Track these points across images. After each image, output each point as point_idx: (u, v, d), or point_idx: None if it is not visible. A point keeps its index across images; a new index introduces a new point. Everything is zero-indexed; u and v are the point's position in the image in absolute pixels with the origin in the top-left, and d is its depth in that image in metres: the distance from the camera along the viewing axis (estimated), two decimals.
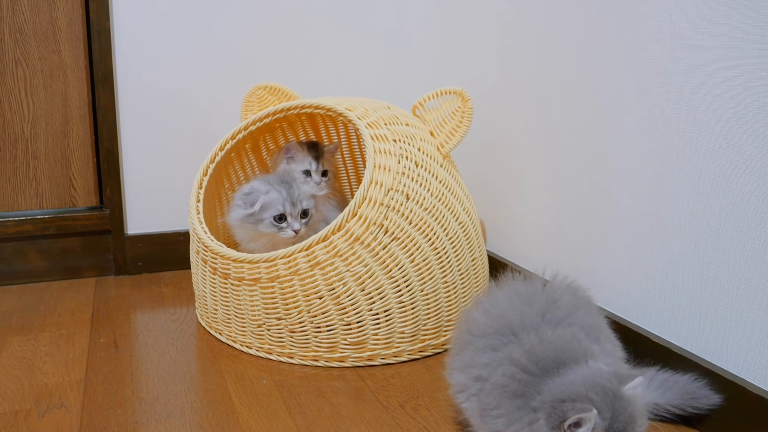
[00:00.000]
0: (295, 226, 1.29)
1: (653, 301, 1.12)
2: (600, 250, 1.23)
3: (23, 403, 1.08)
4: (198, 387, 1.14)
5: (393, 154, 1.23)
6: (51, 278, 1.67)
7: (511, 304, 0.93)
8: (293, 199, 1.30)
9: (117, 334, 1.35)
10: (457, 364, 0.93)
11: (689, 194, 1.03)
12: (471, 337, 0.92)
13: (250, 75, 1.71)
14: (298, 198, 1.30)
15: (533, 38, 1.39)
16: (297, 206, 1.30)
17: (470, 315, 0.96)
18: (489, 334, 0.90)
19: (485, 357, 0.87)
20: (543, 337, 0.84)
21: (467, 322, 0.95)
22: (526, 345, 0.84)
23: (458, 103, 1.34)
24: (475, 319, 0.94)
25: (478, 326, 0.92)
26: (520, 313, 0.90)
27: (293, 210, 1.30)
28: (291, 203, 1.29)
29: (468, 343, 0.92)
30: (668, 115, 1.06)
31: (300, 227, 1.29)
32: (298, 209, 1.30)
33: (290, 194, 1.30)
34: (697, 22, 0.99)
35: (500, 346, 0.87)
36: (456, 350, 0.95)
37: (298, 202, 1.30)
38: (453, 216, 1.28)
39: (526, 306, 0.92)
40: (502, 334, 0.89)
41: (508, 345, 0.86)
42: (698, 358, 1.02)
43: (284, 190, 1.30)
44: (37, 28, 1.57)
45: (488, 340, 0.89)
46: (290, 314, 1.20)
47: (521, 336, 0.86)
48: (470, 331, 0.93)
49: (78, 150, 1.65)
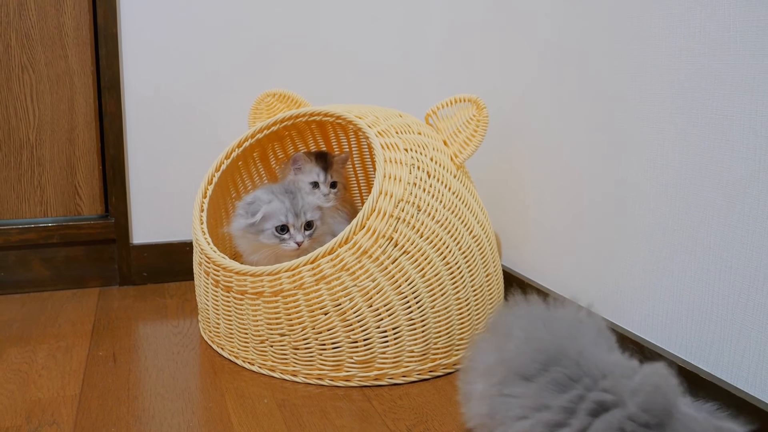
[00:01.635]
0: (297, 238, 1.24)
1: (680, 322, 1.05)
2: (622, 267, 1.16)
3: (14, 419, 1.03)
4: (196, 405, 1.09)
5: (404, 164, 1.17)
6: (54, 288, 1.63)
7: (564, 334, 0.82)
8: (297, 210, 1.24)
9: (117, 347, 1.31)
10: (512, 409, 0.78)
11: (720, 207, 0.96)
12: (513, 374, 0.80)
13: (260, 82, 1.67)
14: (302, 209, 1.25)
15: (552, 46, 1.33)
16: (300, 217, 1.25)
17: (507, 346, 0.84)
18: (548, 369, 0.78)
19: (559, 399, 0.76)
20: (650, 381, 0.73)
21: (499, 352, 0.85)
22: (637, 392, 0.73)
23: (473, 111, 1.29)
24: (519, 353, 0.82)
25: (518, 358, 0.81)
26: (579, 346, 0.80)
27: (296, 221, 1.24)
28: (294, 214, 1.24)
29: (514, 382, 0.80)
30: (697, 123, 0.99)
31: (303, 239, 1.24)
32: (302, 220, 1.25)
33: (294, 204, 1.24)
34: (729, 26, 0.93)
35: (571, 384, 0.76)
36: (496, 389, 0.82)
37: (301, 213, 1.25)
38: (466, 229, 1.22)
39: (583, 338, 0.81)
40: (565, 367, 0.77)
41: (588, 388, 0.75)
42: (729, 385, 0.95)
43: (288, 200, 1.24)
44: (44, 33, 1.54)
45: (549, 376, 0.78)
46: (294, 330, 1.15)
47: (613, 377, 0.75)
48: (514, 367, 0.81)
49: (84, 157, 1.62)
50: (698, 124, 0.99)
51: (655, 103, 1.07)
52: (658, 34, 1.06)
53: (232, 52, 1.66)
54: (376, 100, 1.76)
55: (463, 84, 1.69)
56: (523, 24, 1.43)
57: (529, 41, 1.41)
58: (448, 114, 1.33)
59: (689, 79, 1.00)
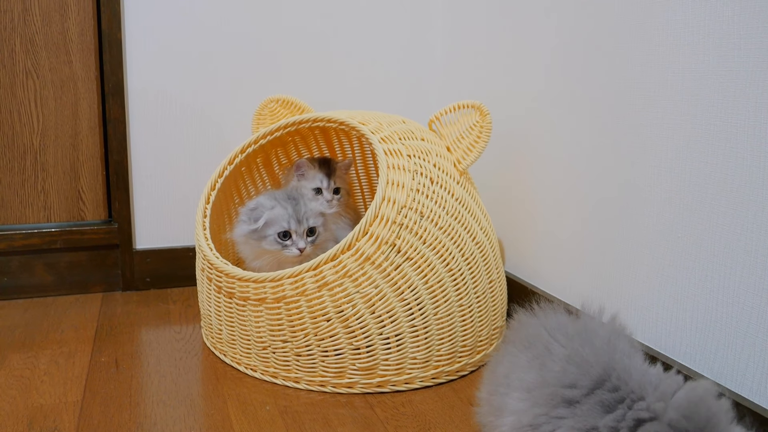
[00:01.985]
0: (300, 244, 1.24)
1: (684, 329, 1.04)
2: (626, 274, 1.16)
3: (16, 425, 1.03)
4: (198, 412, 1.09)
5: (407, 170, 1.17)
6: (57, 293, 1.63)
7: (604, 349, 0.81)
8: (299, 216, 1.24)
9: (119, 353, 1.31)
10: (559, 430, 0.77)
11: (724, 214, 0.96)
12: (560, 397, 0.78)
13: (264, 88, 1.67)
14: (305, 215, 1.25)
15: (555, 51, 1.33)
16: (303, 224, 1.24)
17: (549, 365, 0.82)
18: (593, 392, 0.77)
19: (605, 419, 0.74)
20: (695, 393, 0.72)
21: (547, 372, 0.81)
22: (680, 402, 0.71)
23: (477, 117, 1.29)
24: (564, 373, 0.80)
25: (574, 383, 0.78)
26: (621, 363, 0.78)
27: (298, 227, 1.24)
28: (296, 220, 1.24)
29: (560, 404, 0.78)
30: (702, 130, 0.99)
31: (305, 246, 1.24)
32: (304, 227, 1.25)
33: (296, 211, 1.24)
34: (732, 32, 0.93)
35: (616, 405, 0.75)
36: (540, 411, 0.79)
37: (304, 220, 1.24)
38: (469, 236, 1.22)
39: (621, 353, 0.80)
40: (607, 389, 0.76)
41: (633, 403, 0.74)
42: (733, 394, 0.94)
43: (290, 207, 1.24)
44: (48, 38, 1.54)
45: (596, 398, 0.76)
46: (296, 337, 1.15)
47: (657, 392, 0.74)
48: (559, 389, 0.78)
49: (87, 163, 1.62)
50: (702, 131, 0.99)
51: (659, 110, 1.06)
52: (662, 41, 1.05)
53: (237, 59, 1.66)
54: (380, 106, 1.76)
55: (467, 91, 1.69)
56: (528, 32, 1.43)
57: (534, 49, 1.41)
58: (452, 120, 1.32)
59: (693, 85, 1.00)
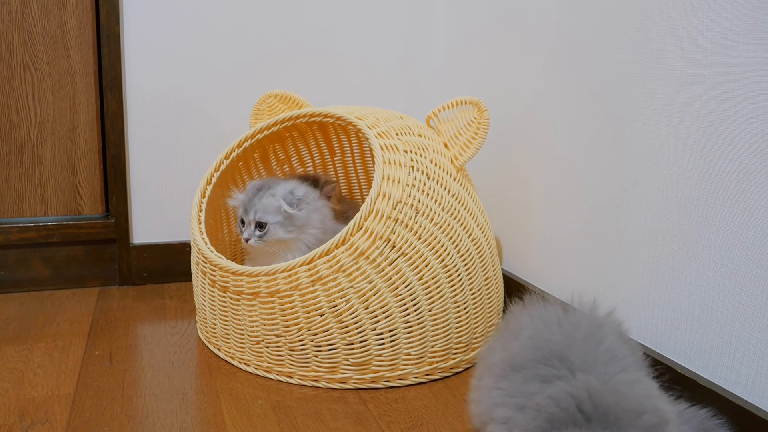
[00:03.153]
0: (245, 234, 1.25)
1: (679, 329, 1.03)
2: (622, 273, 1.15)
3: (7, 417, 1.03)
4: (191, 406, 1.08)
5: (403, 166, 1.17)
6: (54, 287, 1.63)
7: (557, 334, 0.83)
8: (247, 207, 1.25)
9: (113, 347, 1.30)
10: (495, 397, 0.81)
11: (721, 213, 0.95)
12: (509, 368, 0.82)
13: (263, 83, 1.67)
14: (254, 207, 1.24)
15: (555, 48, 1.32)
16: (249, 214, 1.25)
17: (506, 344, 0.87)
18: (534, 363, 0.80)
19: (533, 387, 0.78)
20: (611, 381, 0.75)
21: (504, 351, 0.86)
22: (590, 384, 0.74)
23: (474, 113, 1.28)
24: (514, 349, 0.85)
25: (520, 356, 0.82)
26: (569, 345, 0.81)
27: (246, 217, 1.26)
28: (245, 210, 1.25)
29: (505, 376, 0.82)
30: (699, 127, 0.98)
31: (249, 237, 1.24)
32: (250, 218, 1.25)
33: (250, 201, 1.25)
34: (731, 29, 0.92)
35: (552, 378, 0.78)
36: (491, 382, 0.84)
37: (251, 211, 1.25)
38: (465, 232, 1.21)
39: (574, 339, 0.83)
40: (552, 366, 0.79)
41: (562, 379, 0.77)
42: (727, 393, 0.93)
43: (251, 195, 1.25)
44: (46, 32, 1.54)
45: (535, 370, 0.79)
46: (290, 331, 1.14)
47: (578, 374, 0.77)
48: (508, 361, 0.83)
49: (84, 157, 1.62)
50: (700, 129, 0.98)
51: (656, 109, 1.06)
52: (660, 38, 1.05)
53: (236, 53, 1.66)
54: (379, 103, 1.76)
55: (467, 88, 1.68)
56: (527, 31, 1.42)
57: (533, 48, 1.40)
58: (450, 116, 1.32)
59: (691, 83, 0.99)
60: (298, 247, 1.26)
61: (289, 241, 1.26)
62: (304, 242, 1.27)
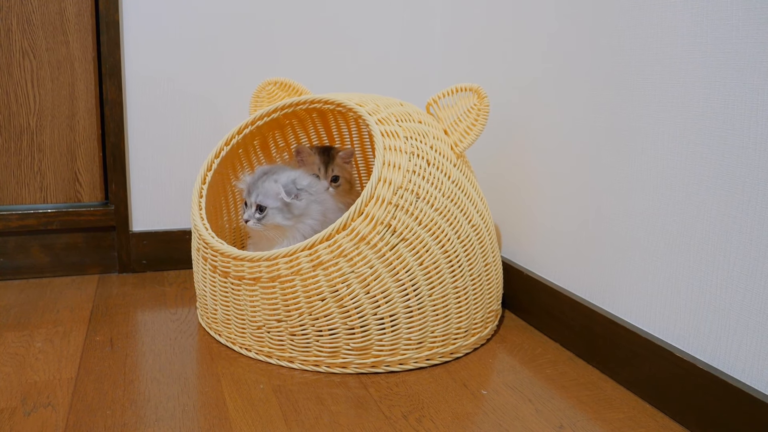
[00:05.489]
0: (245, 214, 1.28)
1: (678, 313, 1.04)
2: (621, 259, 1.16)
3: (9, 400, 1.03)
4: (192, 390, 1.09)
5: (404, 152, 1.17)
6: (53, 274, 1.63)
7: None
8: (251, 189, 1.28)
9: (114, 333, 1.31)
10: None
11: (719, 197, 0.96)
12: None
13: (262, 70, 1.67)
14: (257, 190, 1.27)
15: (554, 35, 1.32)
16: (252, 196, 1.27)
17: None
18: None
19: None
20: None
21: None
22: None
23: (474, 100, 1.28)
24: None
25: None
26: None
27: (248, 198, 1.28)
28: (248, 192, 1.28)
29: None
30: (697, 115, 0.99)
31: (250, 219, 1.27)
32: (252, 200, 1.27)
33: (254, 183, 1.28)
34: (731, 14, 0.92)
35: None
36: None
37: (254, 194, 1.27)
38: (465, 218, 1.22)
39: None
40: None
41: None
42: (726, 376, 0.94)
43: (256, 179, 1.28)
44: (45, 18, 1.54)
45: None
46: (291, 316, 1.15)
47: None
48: None
49: (84, 144, 1.62)
50: (699, 115, 0.98)
51: (657, 95, 1.06)
52: (661, 24, 1.05)
53: (235, 40, 1.66)
54: (379, 89, 1.76)
55: (465, 75, 1.68)
56: (527, 16, 1.42)
57: (533, 34, 1.40)
58: (450, 103, 1.32)
59: (695, 70, 0.99)
60: (293, 235, 1.26)
61: (286, 228, 1.26)
62: (300, 231, 1.27)
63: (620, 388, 1.13)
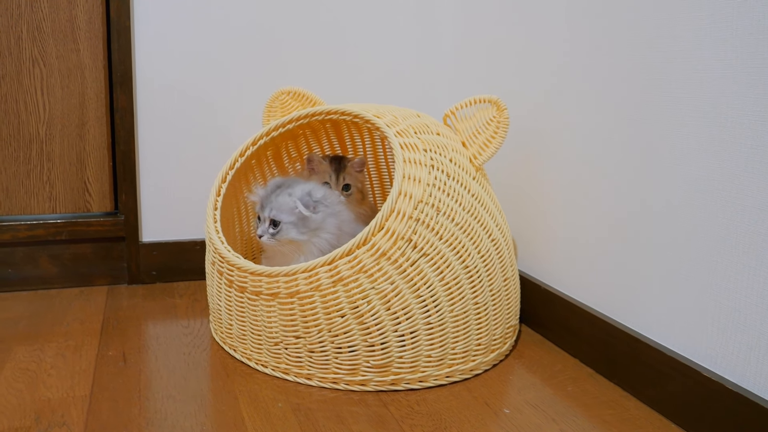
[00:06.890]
0: (259, 230, 1.25)
1: (707, 333, 1.02)
2: (643, 276, 1.14)
3: (23, 419, 1.01)
4: (209, 408, 1.07)
5: (423, 165, 1.15)
6: (62, 285, 1.61)
7: None
8: (264, 203, 1.25)
9: (126, 347, 1.28)
10: None
11: (750, 213, 0.94)
12: None
13: (274, 80, 1.65)
14: (270, 204, 1.24)
15: (574, 46, 1.31)
16: (265, 211, 1.25)
17: None
18: None
19: None
20: None
21: None
22: None
23: (493, 112, 1.26)
24: None
25: None
26: None
27: (261, 213, 1.26)
28: (261, 206, 1.26)
29: None
30: (727, 127, 0.97)
31: (264, 234, 1.24)
32: (266, 215, 1.25)
33: (268, 197, 1.25)
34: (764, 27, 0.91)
35: None
36: None
37: (267, 208, 1.24)
38: (486, 232, 1.20)
39: None
40: None
41: None
42: (756, 396, 0.92)
43: (269, 192, 1.26)
44: (55, 26, 1.52)
45: None
46: (310, 333, 1.13)
47: None
48: None
49: (94, 153, 1.60)
50: (726, 128, 0.97)
51: (681, 108, 1.04)
52: (683, 35, 1.03)
53: (248, 50, 1.64)
54: (390, 101, 1.74)
55: (478, 87, 1.66)
56: (541, 27, 1.40)
57: (548, 45, 1.39)
58: (467, 115, 1.30)
59: (718, 83, 0.98)
60: (309, 250, 1.24)
61: (301, 242, 1.24)
62: (316, 246, 1.25)
63: (643, 406, 1.11)
